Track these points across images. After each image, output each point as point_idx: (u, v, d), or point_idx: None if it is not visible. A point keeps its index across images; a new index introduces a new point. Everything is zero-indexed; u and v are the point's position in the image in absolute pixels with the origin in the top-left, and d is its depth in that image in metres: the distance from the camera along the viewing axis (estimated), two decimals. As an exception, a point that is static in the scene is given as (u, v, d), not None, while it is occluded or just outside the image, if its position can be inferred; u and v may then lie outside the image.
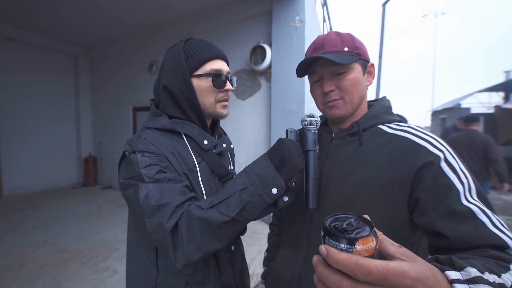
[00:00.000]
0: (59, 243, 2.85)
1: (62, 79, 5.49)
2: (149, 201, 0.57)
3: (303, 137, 0.61)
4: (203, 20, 3.94)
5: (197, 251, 0.54)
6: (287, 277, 0.69)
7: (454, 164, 0.54)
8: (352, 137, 0.66)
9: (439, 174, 0.52)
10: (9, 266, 2.37)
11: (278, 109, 3.20)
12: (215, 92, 0.73)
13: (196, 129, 0.72)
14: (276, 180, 0.54)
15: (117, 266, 2.42)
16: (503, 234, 0.45)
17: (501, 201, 5.08)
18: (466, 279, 0.32)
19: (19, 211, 3.90)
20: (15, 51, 4.74)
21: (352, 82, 0.63)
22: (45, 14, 4.05)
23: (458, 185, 0.51)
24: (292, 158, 0.55)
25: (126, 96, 5.20)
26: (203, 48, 0.71)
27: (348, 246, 0.29)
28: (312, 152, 0.59)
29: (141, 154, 0.62)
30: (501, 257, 0.42)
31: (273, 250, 0.88)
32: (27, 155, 4.93)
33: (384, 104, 0.70)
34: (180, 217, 0.56)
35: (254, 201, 0.54)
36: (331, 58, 0.60)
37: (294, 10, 3.05)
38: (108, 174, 5.52)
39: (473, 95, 9.70)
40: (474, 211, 0.48)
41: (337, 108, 0.65)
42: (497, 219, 0.48)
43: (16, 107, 4.79)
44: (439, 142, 0.57)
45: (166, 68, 0.73)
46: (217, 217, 0.53)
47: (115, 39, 5.12)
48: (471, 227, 0.47)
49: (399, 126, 0.64)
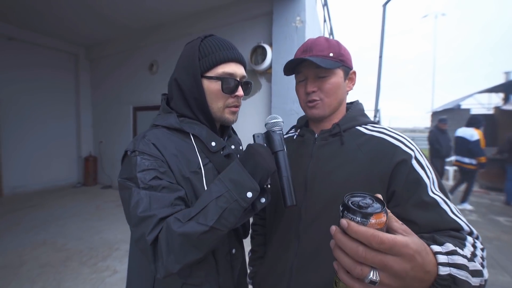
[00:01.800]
0: (58, 242, 2.85)
1: (63, 79, 5.49)
2: (136, 210, 0.57)
3: (270, 139, 0.63)
4: (203, 20, 3.94)
5: (176, 263, 0.54)
6: (278, 271, 0.72)
7: (422, 161, 0.62)
8: (334, 138, 0.71)
9: (411, 170, 0.60)
10: (9, 265, 2.37)
11: (278, 109, 3.20)
12: (224, 97, 0.70)
13: (204, 130, 0.71)
14: (250, 184, 0.55)
15: (117, 265, 2.42)
16: (459, 219, 0.56)
17: (500, 202, 5.08)
18: (445, 251, 0.41)
19: (19, 210, 3.90)
20: (15, 51, 4.73)
21: (332, 86, 0.69)
22: (45, 13, 4.05)
23: (426, 180, 0.59)
24: (264, 162, 0.56)
25: (126, 96, 5.20)
26: (219, 49, 0.69)
27: (364, 220, 0.34)
28: (281, 152, 0.62)
29: (141, 156, 0.62)
30: (458, 236, 0.53)
31: (258, 249, 0.91)
32: (27, 154, 4.93)
33: (359, 107, 0.77)
34: (160, 230, 0.56)
35: (231, 208, 0.54)
36: (315, 61, 0.65)
37: (294, 11, 3.05)
38: (108, 173, 5.52)
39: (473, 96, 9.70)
40: (438, 201, 0.57)
41: (316, 108, 0.72)
42: (454, 207, 0.59)
43: (16, 107, 4.79)
44: (409, 142, 0.65)
45: (180, 64, 0.72)
46: (196, 229, 0.53)
47: (115, 38, 5.12)
48: (436, 214, 0.56)
49: (374, 127, 0.71)
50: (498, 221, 3.95)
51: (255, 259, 0.90)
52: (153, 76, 4.70)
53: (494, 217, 4.13)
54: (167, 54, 4.49)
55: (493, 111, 8.62)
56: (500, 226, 3.71)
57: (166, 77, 4.52)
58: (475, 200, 5.19)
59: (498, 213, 4.34)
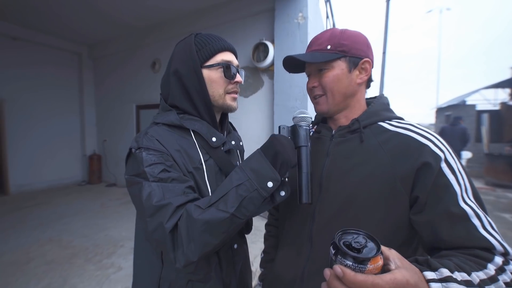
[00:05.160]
0: (64, 240, 2.89)
1: (66, 78, 5.53)
2: (150, 200, 0.57)
3: (295, 133, 0.62)
4: (205, 18, 3.93)
5: (196, 251, 0.54)
6: (288, 277, 0.68)
7: (453, 164, 0.55)
8: (353, 134, 0.66)
9: (440, 174, 0.53)
10: (16, 261, 2.41)
11: (280, 106, 3.19)
12: (225, 83, 0.72)
13: (205, 126, 0.71)
14: (271, 174, 0.55)
15: (122, 262, 2.44)
16: (491, 237, 0.48)
17: (506, 199, 5.02)
18: (439, 278, 0.39)
19: (25, 208, 3.95)
20: (20, 50, 4.77)
21: (331, 79, 0.65)
22: (48, 14, 4.07)
23: (456, 187, 0.52)
24: (285, 153, 0.56)
25: (129, 95, 5.22)
26: (214, 40, 0.72)
27: (361, 266, 0.32)
28: (305, 148, 0.60)
29: (146, 151, 0.62)
30: (483, 256, 0.46)
31: (271, 251, 0.87)
32: (32, 153, 4.99)
33: (383, 101, 0.70)
34: (179, 217, 0.56)
35: (251, 196, 0.54)
36: (301, 58, 0.64)
37: (297, 7, 3.02)
38: (112, 172, 5.57)
39: (478, 91, 9.56)
40: (468, 214, 0.50)
41: (320, 104, 0.69)
42: (488, 221, 0.51)
43: (22, 106, 4.84)
44: (440, 142, 0.58)
45: (176, 59, 0.72)
46: (216, 215, 0.53)
47: (118, 37, 5.14)
48: (464, 230, 0.50)
49: (400, 123, 0.64)
50: (504, 218, 3.91)
51: (267, 261, 0.87)
52: (155, 74, 4.71)
53: (500, 214, 4.09)
54: (170, 52, 4.43)
55: (499, 107, 8.49)
56: (506, 223, 3.67)
57: (168, 75, 4.54)
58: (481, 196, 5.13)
59: (504, 210, 4.30)
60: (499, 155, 6.28)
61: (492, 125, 7.72)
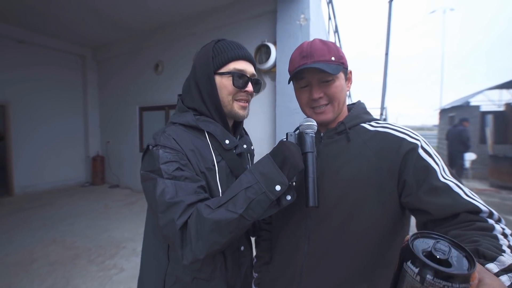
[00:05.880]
0: (68, 241, 2.91)
1: (70, 80, 5.59)
2: (164, 197, 0.59)
3: (301, 140, 0.65)
4: (207, 20, 3.95)
5: (204, 249, 0.56)
6: (286, 276, 0.71)
7: (429, 150, 0.62)
8: (340, 135, 0.72)
9: (419, 159, 0.60)
10: (20, 262, 2.43)
11: (283, 108, 3.19)
12: (234, 90, 0.74)
13: (219, 128, 0.73)
14: (279, 178, 0.57)
15: (124, 263, 2.45)
16: (475, 201, 0.55)
17: (511, 201, 4.97)
18: (502, 268, 0.38)
19: (29, 209, 3.99)
20: (25, 53, 4.83)
21: (337, 90, 0.70)
22: (53, 17, 4.12)
23: (435, 166, 0.59)
24: (293, 158, 0.58)
25: (132, 96, 5.26)
26: (230, 48, 0.73)
27: (464, 285, 0.25)
28: (311, 154, 0.63)
29: (163, 149, 0.65)
30: (486, 227, 0.50)
31: (264, 255, 0.87)
32: (36, 154, 5.04)
33: (362, 106, 0.79)
34: (190, 215, 0.58)
35: (259, 199, 0.56)
36: (324, 69, 0.66)
37: (299, 8, 3.03)
38: (115, 173, 5.60)
39: (483, 92, 9.47)
40: (450, 185, 0.56)
41: (326, 114, 0.72)
42: (469, 191, 0.57)
43: (26, 108, 4.89)
44: (414, 134, 0.66)
45: (196, 63, 0.76)
46: (225, 215, 0.55)
47: (121, 40, 5.18)
48: (450, 198, 0.55)
49: (378, 124, 0.72)
50: (509, 220, 3.87)
51: (260, 265, 0.87)
52: (158, 76, 4.74)
53: (505, 216, 4.04)
54: (172, 54, 4.52)
55: (504, 108, 8.40)
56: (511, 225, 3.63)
57: (171, 77, 4.56)
58: (485, 199, 5.08)
59: (509, 212, 4.25)
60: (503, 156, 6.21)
61: (497, 126, 7.64)
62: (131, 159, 5.31)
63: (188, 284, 0.69)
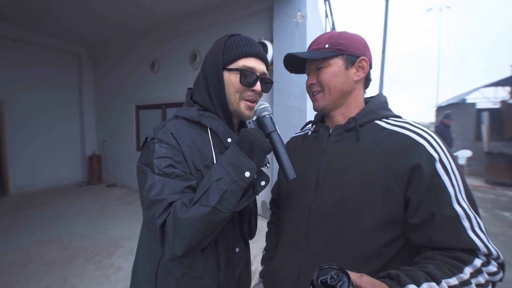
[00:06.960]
0: (64, 240, 2.90)
1: (66, 79, 5.53)
2: (149, 193, 0.60)
3: (261, 124, 0.67)
4: (203, 18, 3.93)
5: (181, 245, 0.56)
6: (286, 273, 0.70)
7: (448, 165, 0.55)
8: (349, 133, 0.67)
9: (434, 175, 0.54)
10: (17, 262, 2.41)
11: (280, 106, 3.19)
12: (242, 88, 0.71)
13: (222, 126, 0.72)
14: (247, 163, 0.57)
15: (121, 262, 2.45)
16: (477, 239, 0.50)
17: (506, 197, 5.02)
18: None
19: (26, 208, 3.96)
20: (19, 51, 4.77)
21: (328, 75, 0.68)
22: (47, 15, 4.07)
23: (450, 188, 0.54)
24: (259, 141, 0.59)
25: (129, 95, 5.22)
26: (242, 44, 0.72)
27: None
28: (274, 133, 0.65)
29: (159, 143, 0.65)
30: (463, 259, 0.49)
31: (271, 249, 0.89)
32: (32, 154, 4.99)
33: (381, 100, 0.72)
34: (169, 214, 0.58)
35: (232, 189, 0.56)
36: (300, 55, 0.68)
37: (295, 6, 3.02)
38: (112, 172, 5.57)
39: (478, 90, 9.53)
40: (460, 215, 0.52)
41: (317, 100, 0.71)
42: (477, 223, 0.52)
43: (21, 107, 4.84)
44: (436, 142, 0.58)
45: (207, 58, 0.75)
46: (200, 211, 0.55)
47: (116, 38, 5.13)
48: (453, 232, 0.52)
49: (397, 121, 0.65)
50: (504, 216, 3.91)
51: (267, 258, 0.89)
52: (154, 74, 4.71)
53: (500, 212, 4.09)
54: (168, 52, 4.49)
55: (500, 105, 8.47)
56: (506, 221, 3.67)
57: (167, 75, 4.54)
58: (481, 195, 5.13)
59: (504, 208, 4.29)
60: (499, 153, 6.27)
61: (492, 123, 7.70)
62: (127, 158, 5.28)
63: (178, 278, 0.69)
